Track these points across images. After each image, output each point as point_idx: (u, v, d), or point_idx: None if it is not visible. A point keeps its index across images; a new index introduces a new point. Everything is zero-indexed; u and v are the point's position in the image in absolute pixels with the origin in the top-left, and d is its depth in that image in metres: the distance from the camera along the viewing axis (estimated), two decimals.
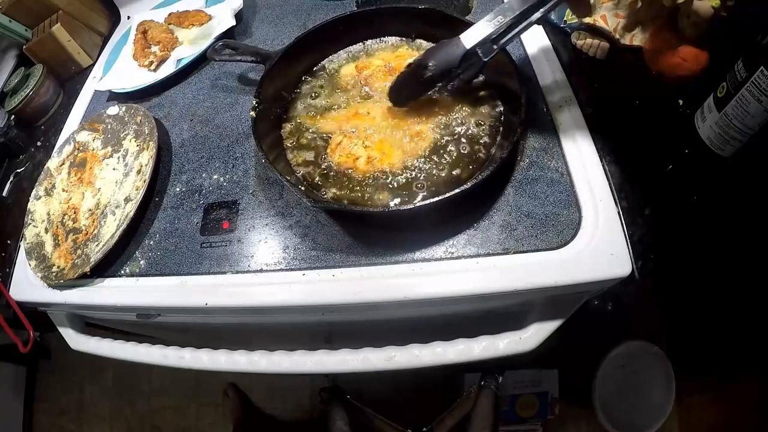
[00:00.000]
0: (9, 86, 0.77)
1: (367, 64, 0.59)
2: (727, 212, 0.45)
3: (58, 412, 1.49)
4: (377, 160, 0.50)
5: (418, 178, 0.49)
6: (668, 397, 1.05)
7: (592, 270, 0.42)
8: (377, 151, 0.51)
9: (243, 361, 0.53)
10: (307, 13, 0.72)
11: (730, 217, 0.45)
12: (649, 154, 0.49)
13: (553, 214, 0.45)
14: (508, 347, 0.48)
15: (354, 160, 0.51)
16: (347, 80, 0.58)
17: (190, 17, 0.75)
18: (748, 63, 0.40)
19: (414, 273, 0.45)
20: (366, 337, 0.53)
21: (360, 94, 0.57)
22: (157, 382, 1.43)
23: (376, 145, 0.51)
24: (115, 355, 0.60)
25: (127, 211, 0.56)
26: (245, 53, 0.60)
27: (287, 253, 0.50)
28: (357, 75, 0.58)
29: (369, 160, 0.50)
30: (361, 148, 0.51)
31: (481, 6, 0.64)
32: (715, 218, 0.45)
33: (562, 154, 0.49)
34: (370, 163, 0.50)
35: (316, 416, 1.24)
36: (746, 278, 0.56)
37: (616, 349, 1.07)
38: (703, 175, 0.47)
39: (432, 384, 1.16)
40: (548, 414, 1.11)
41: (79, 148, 0.67)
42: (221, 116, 0.63)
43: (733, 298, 0.84)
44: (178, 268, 0.52)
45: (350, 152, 0.51)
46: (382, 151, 0.51)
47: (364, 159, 0.50)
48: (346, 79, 0.59)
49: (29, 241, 0.62)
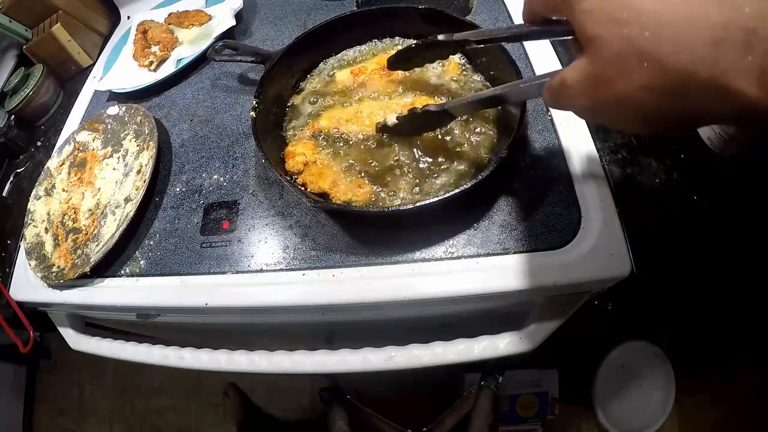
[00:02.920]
0: (9, 86, 0.77)
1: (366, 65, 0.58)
2: (727, 212, 0.45)
3: (58, 412, 1.49)
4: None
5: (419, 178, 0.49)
6: (668, 397, 1.05)
7: (591, 270, 0.42)
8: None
9: (243, 361, 0.53)
10: (307, 13, 0.72)
11: (730, 217, 0.45)
12: (650, 154, 0.49)
13: (553, 214, 0.45)
14: (508, 347, 0.48)
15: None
16: (347, 80, 0.58)
17: (190, 17, 0.75)
18: None
19: (414, 273, 0.45)
20: (366, 337, 0.53)
21: (359, 94, 0.57)
22: (157, 382, 1.43)
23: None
24: (115, 355, 0.60)
25: (127, 211, 0.56)
26: (245, 53, 0.60)
27: (287, 253, 0.50)
28: (355, 76, 0.58)
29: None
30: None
31: (481, 6, 0.64)
32: (715, 218, 0.45)
33: (562, 154, 0.49)
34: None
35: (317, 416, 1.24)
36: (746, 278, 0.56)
37: (616, 349, 1.07)
38: (703, 175, 0.47)
39: (432, 384, 1.16)
40: (548, 414, 1.11)
41: (79, 148, 0.67)
42: (221, 116, 0.63)
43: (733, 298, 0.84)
44: (178, 268, 0.52)
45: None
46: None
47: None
48: (346, 80, 0.58)
49: (29, 241, 0.62)
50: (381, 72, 0.56)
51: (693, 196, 0.46)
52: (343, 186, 0.49)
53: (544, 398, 1.11)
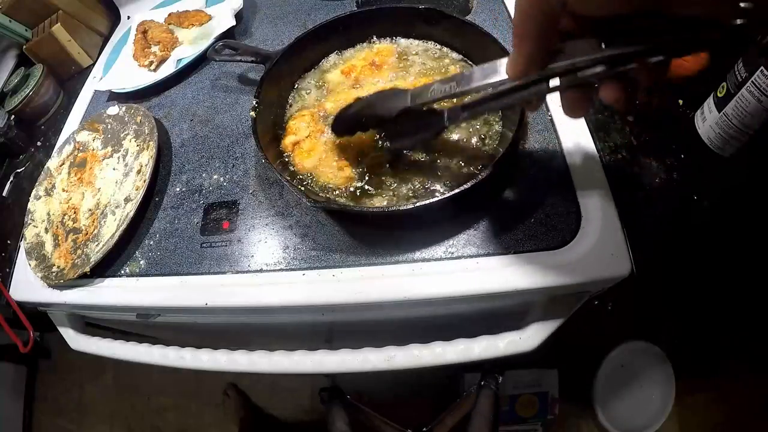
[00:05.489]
0: (9, 86, 0.77)
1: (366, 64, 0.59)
2: (727, 212, 0.45)
3: (58, 412, 1.49)
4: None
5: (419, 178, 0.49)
6: (668, 397, 1.05)
7: (592, 270, 0.42)
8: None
9: (243, 361, 0.53)
10: (307, 13, 0.72)
11: (730, 217, 0.45)
12: (649, 153, 0.49)
13: (553, 214, 0.45)
14: (508, 347, 0.48)
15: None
16: (347, 80, 0.58)
17: (190, 17, 0.75)
18: (748, 63, 0.40)
19: (414, 273, 0.45)
20: (366, 337, 0.53)
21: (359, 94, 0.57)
22: (157, 382, 1.43)
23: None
24: (115, 355, 0.60)
25: (127, 211, 0.56)
26: (245, 53, 0.60)
27: (287, 253, 0.50)
28: (356, 75, 0.58)
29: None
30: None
31: (481, 6, 0.64)
32: (715, 218, 0.45)
33: (562, 154, 0.49)
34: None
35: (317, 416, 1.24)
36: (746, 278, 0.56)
37: (616, 349, 1.07)
38: (703, 175, 0.47)
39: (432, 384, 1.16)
40: (548, 414, 1.11)
41: (79, 148, 0.67)
42: (221, 116, 0.63)
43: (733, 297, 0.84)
44: (178, 268, 0.52)
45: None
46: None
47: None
48: (346, 79, 0.59)
49: (29, 241, 0.62)
50: (371, 67, 0.58)
51: (693, 196, 0.46)
52: (327, 168, 0.51)
53: (544, 398, 1.11)
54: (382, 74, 0.57)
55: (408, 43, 0.60)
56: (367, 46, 0.61)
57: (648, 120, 0.51)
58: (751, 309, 0.88)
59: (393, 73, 0.57)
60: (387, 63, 0.58)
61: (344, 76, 0.58)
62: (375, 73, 0.57)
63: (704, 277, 0.49)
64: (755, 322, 0.90)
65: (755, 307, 0.86)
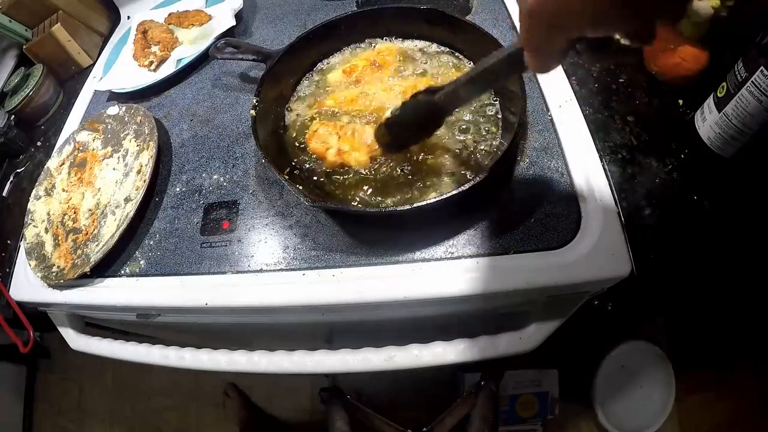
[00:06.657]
0: (9, 86, 0.77)
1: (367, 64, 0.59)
2: (727, 212, 0.45)
3: (58, 412, 1.49)
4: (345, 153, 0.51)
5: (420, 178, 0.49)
6: (668, 397, 1.05)
7: (591, 270, 0.42)
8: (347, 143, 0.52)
9: (243, 361, 0.53)
10: (307, 13, 0.72)
11: (730, 217, 0.45)
12: (650, 153, 0.49)
13: (553, 214, 0.45)
14: (508, 347, 0.48)
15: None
16: (347, 80, 0.58)
17: (190, 17, 0.75)
18: (748, 63, 0.40)
19: (414, 273, 0.45)
20: (366, 337, 0.53)
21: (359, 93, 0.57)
22: (157, 382, 1.43)
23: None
24: (115, 355, 0.60)
25: (127, 211, 0.56)
26: (247, 52, 0.61)
27: (287, 253, 0.50)
28: (357, 75, 0.58)
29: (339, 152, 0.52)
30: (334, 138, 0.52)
31: (482, 6, 0.64)
32: (715, 218, 0.45)
33: (562, 154, 0.49)
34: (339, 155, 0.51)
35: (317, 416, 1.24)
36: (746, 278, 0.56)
37: (616, 349, 1.07)
38: (703, 175, 0.47)
39: (432, 384, 1.16)
40: (548, 414, 1.11)
41: (79, 148, 0.67)
42: (221, 116, 0.64)
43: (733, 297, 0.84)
44: (178, 268, 0.52)
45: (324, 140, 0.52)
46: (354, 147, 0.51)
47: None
48: (346, 79, 0.59)
49: (29, 241, 0.62)
50: (372, 66, 0.58)
51: (693, 196, 0.46)
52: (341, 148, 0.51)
53: (544, 398, 1.11)
54: (383, 74, 0.57)
55: (408, 43, 0.60)
56: (368, 46, 0.61)
57: (648, 120, 0.51)
58: (751, 309, 0.88)
59: (394, 73, 0.57)
60: (388, 63, 0.57)
61: (345, 76, 0.58)
62: (376, 73, 0.57)
63: (704, 277, 0.49)
64: (755, 321, 0.90)
65: (755, 306, 0.86)
